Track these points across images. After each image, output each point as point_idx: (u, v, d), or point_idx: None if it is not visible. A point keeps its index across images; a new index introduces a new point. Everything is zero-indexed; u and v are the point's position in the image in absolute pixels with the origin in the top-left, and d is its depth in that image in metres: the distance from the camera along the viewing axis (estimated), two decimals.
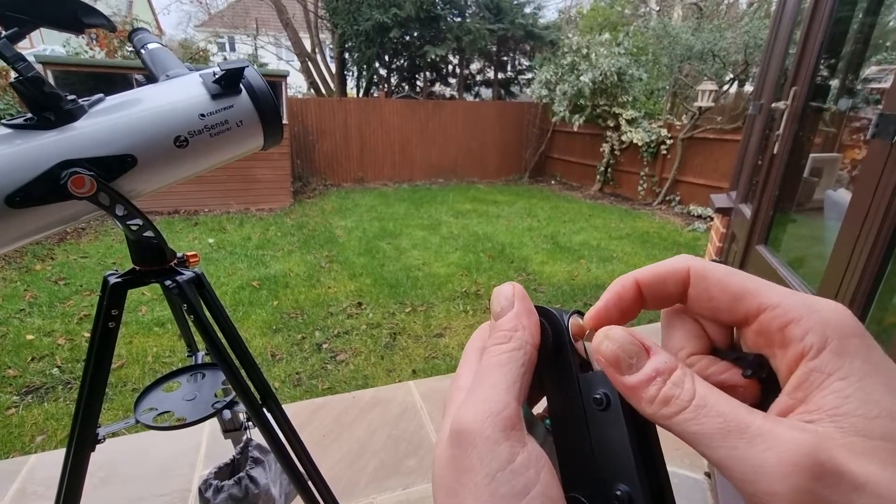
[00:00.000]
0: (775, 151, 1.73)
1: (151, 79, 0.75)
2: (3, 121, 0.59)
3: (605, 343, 0.19)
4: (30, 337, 2.89)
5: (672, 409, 0.17)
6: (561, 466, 0.21)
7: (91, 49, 7.56)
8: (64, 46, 7.54)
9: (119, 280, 0.73)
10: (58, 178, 0.57)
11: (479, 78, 11.80)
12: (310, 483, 0.93)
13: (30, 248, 4.33)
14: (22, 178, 0.56)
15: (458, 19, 9.91)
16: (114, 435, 1.61)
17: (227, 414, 1.14)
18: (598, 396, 0.20)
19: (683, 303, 0.21)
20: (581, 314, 0.22)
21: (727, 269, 0.20)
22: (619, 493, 0.18)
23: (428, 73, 11.20)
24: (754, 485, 0.15)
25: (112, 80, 5.97)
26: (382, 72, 10.98)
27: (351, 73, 11.34)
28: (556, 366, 0.21)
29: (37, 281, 3.74)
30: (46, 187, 0.57)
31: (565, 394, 0.21)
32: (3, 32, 0.55)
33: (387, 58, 10.50)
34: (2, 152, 0.56)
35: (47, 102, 0.58)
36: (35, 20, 0.57)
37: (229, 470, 0.98)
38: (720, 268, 0.20)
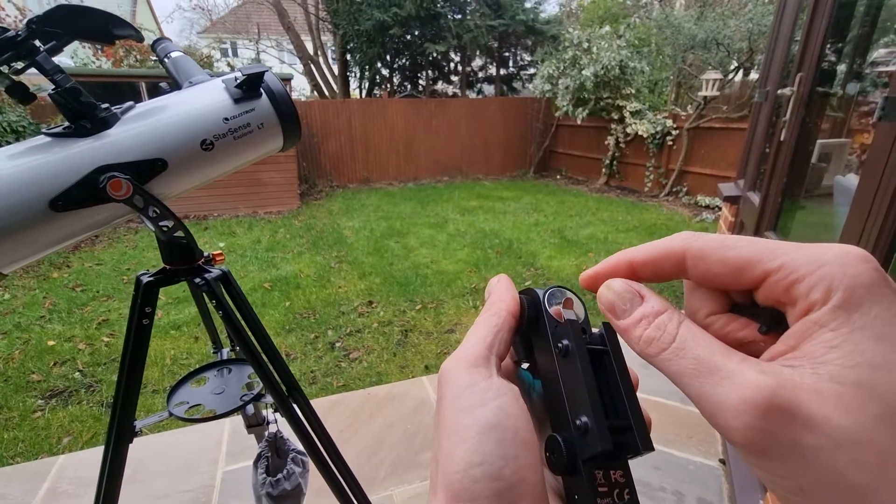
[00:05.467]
0: (783, 138, 1.73)
1: (175, 86, 0.78)
2: (43, 129, 0.63)
3: (604, 292, 0.23)
4: (51, 343, 2.96)
5: (654, 349, 0.20)
6: (549, 414, 0.24)
7: (97, 59, 7.68)
8: (72, 58, 7.65)
9: (151, 279, 0.76)
10: (96, 182, 0.61)
11: (481, 75, 11.80)
12: (336, 471, 0.97)
13: (46, 257, 4.41)
14: (64, 183, 0.60)
15: (459, 16, 9.92)
16: (142, 433, 1.65)
17: (250, 409, 1.18)
18: (560, 346, 0.23)
19: (686, 279, 0.22)
20: (563, 289, 0.26)
21: (724, 242, 0.20)
22: (578, 423, 0.21)
23: (430, 72, 11.23)
24: (715, 420, 0.17)
25: (119, 89, 6.07)
26: (385, 71, 11.01)
27: (354, 74, 11.39)
28: (537, 331, 0.25)
29: (55, 288, 3.82)
30: (86, 191, 0.61)
31: (544, 352, 0.25)
32: (43, 47, 0.59)
33: (388, 57, 10.53)
34: (44, 160, 0.60)
35: (83, 111, 0.61)
36: (71, 34, 0.60)
37: (269, 462, 1.04)
38: (716, 242, 0.20)
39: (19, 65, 0.60)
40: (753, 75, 6.77)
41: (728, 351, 0.19)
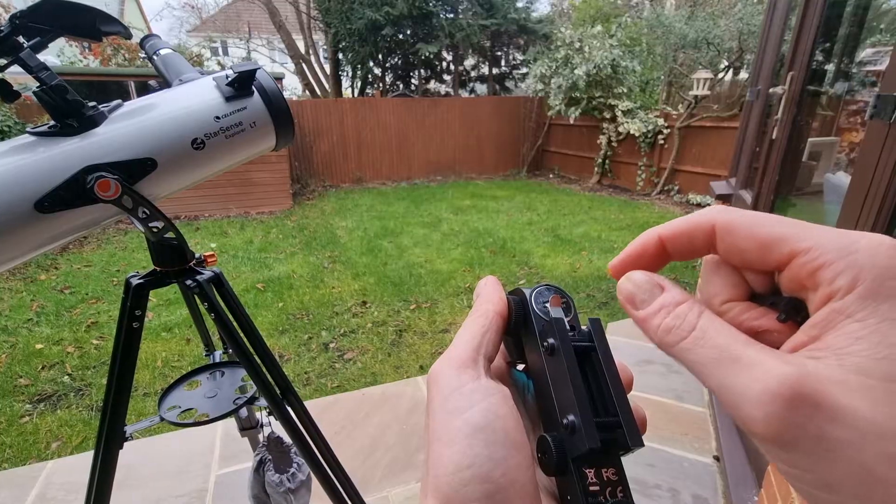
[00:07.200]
0: (774, 136, 1.75)
1: (165, 84, 0.76)
2: (28, 129, 0.61)
3: (624, 283, 0.22)
4: (39, 346, 2.91)
5: (673, 338, 0.19)
6: (541, 414, 0.24)
7: (85, 58, 7.57)
8: (59, 56, 7.54)
9: (141, 281, 0.74)
10: (84, 182, 0.59)
11: (473, 74, 11.80)
12: (331, 473, 0.96)
13: (33, 259, 4.34)
14: (49, 184, 0.58)
15: (451, 15, 9.91)
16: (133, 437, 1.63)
17: (243, 412, 1.16)
18: (546, 345, 0.23)
19: (715, 253, 0.22)
20: (550, 287, 0.26)
21: (756, 218, 0.20)
22: (565, 422, 0.21)
23: (422, 71, 11.21)
24: (738, 410, 0.17)
25: (106, 88, 5.98)
26: (377, 71, 10.98)
27: (346, 73, 11.34)
28: (526, 330, 0.25)
29: (42, 290, 3.76)
30: (73, 192, 0.59)
31: (533, 351, 0.25)
32: (27, 43, 0.57)
33: (381, 56, 10.50)
34: (28, 160, 0.58)
35: (70, 109, 0.60)
36: (56, 30, 0.59)
37: (273, 463, 1.03)
38: (748, 217, 0.20)
39: (2, 62, 0.58)
40: (743, 74, 6.84)
41: (749, 341, 0.18)
